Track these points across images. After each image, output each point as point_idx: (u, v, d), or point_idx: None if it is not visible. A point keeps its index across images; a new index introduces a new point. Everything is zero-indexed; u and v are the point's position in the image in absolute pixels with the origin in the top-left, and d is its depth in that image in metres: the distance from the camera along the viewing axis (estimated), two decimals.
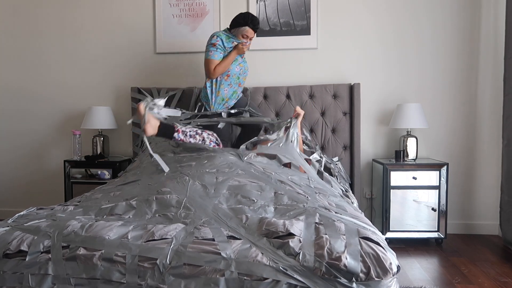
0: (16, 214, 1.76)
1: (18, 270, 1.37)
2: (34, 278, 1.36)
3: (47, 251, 1.40)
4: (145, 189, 1.96)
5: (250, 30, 2.69)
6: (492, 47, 3.17)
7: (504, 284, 2.24)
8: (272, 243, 1.37)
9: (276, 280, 1.24)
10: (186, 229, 1.48)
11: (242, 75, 2.81)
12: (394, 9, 3.24)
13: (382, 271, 1.25)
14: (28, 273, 1.36)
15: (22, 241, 1.43)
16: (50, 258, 1.38)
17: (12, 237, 1.45)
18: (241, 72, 2.80)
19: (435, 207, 2.93)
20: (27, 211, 1.82)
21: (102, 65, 3.50)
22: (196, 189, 1.86)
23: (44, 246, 1.41)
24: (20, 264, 1.38)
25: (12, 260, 1.39)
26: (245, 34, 2.69)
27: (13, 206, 3.67)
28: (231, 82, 2.77)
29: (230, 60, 2.69)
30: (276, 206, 1.75)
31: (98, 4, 3.47)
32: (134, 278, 1.31)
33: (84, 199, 1.99)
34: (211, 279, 1.27)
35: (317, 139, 3.17)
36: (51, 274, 1.36)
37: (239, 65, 2.79)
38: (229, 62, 2.70)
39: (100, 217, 1.74)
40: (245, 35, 2.70)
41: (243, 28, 2.67)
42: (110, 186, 2.17)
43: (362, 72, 3.29)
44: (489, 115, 3.20)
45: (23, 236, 1.45)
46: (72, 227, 1.48)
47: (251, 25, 2.67)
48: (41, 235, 1.45)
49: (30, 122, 3.59)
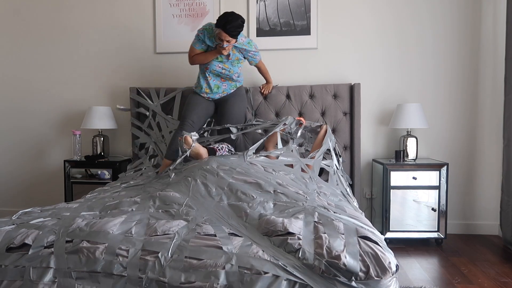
0: (20, 211, 1.78)
1: (20, 264, 1.39)
2: (35, 271, 1.37)
3: (50, 245, 1.42)
4: (150, 190, 1.99)
5: (223, 33, 2.49)
6: (492, 47, 3.17)
7: (504, 284, 2.24)
8: (273, 241, 1.38)
9: (276, 275, 1.25)
10: (188, 226, 1.50)
11: (223, 75, 2.80)
12: (394, 9, 3.24)
13: (381, 270, 1.25)
14: (29, 267, 1.38)
15: (27, 236, 1.45)
16: (53, 252, 1.39)
17: (17, 234, 1.47)
18: (223, 72, 2.79)
19: (435, 207, 2.93)
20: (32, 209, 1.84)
21: (102, 65, 3.50)
22: (199, 188, 1.89)
23: (48, 241, 1.43)
24: (22, 258, 1.39)
25: (14, 254, 1.41)
26: (219, 36, 2.52)
27: (13, 206, 3.67)
28: (210, 75, 2.80)
29: (208, 57, 2.71)
30: (275, 202, 1.76)
31: (98, 4, 3.47)
32: (135, 271, 1.31)
33: (88, 199, 2.02)
34: (212, 272, 1.27)
35: None
36: (53, 267, 1.37)
37: (224, 65, 2.77)
38: (206, 58, 2.71)
39: (105, 212, 1.77)
40: (219, 37, 2.53)
41: (217, 30, 2.51)
42: (115, 189, 2.20)
43: (362, 72, 3.29)
44: (490, 115, 3.20)
45: (28, 232, 1.47)
46: (77, 224, 1.51)
47: (223, 27, 2.47)
48: (46, 230, 1.48)
49: (30, 122, 3.59)
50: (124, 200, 1.83)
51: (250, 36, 3.32)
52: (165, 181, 2.16)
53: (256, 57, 2.86)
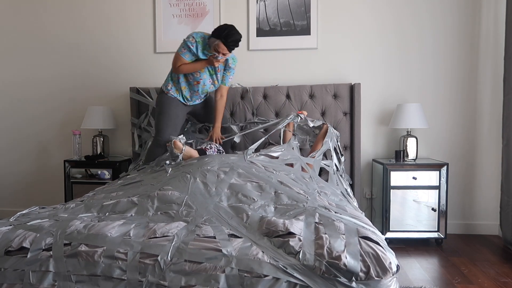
0: (18, 213, 1.77)
1: (19, 267, 1.38)
2: (35, 275, 1.36)
3: (48, 248, 1.41)
4: (147, 188, 1.97)
5: (222, 45, 2.44)
6: (492, 47, 3.17)
7: (504, 284, 2.24)
8: (273, 242, 1.38)
9: (276, 278, 1.25)
10: (187, 227, 1.49)
11: (203, 90, 2.72)
12: (394, 9, 3.24)
13: (381, 270, 1.25)
14: (29, 270, 1.37)
15: (24, 239, 1.44)
16: (52, 255, 1.38)
17: (14, 235, 1.45)
18: (210, 88, 2.72)
19: (435, 207, 2.93)
20: (29, 210, 1.83)
21: (102, 64, 3.50)
22: (198, 187, 1.87)
23: (46, 243, 1.42)
24: (21, 261, 1.38)
25: (13, 257, 1.40)
26: (216, 48, 2.47)
27: (13, 206, 3.67)
28: (186, 85, 2.69)
29: (197, 67, 2.59)
30: (276, 206, 1.75)
31: (98, 4, 3.47)
32: (135, 274, 1.31)
33: (87, 199, 2.00)
34: (212, 275, 1.27)
35: None
36: (52, 271, 1.36)
37: (214, 82, 2.71)
38: (195, 68, 2.59)
39: (103, 214, 1.75)
40: (216, 48, 2.47)
41: (216, 41, 2.45)
42: (113, 187, 2.18)
43: (362, 72, 3.29)
44: (489, 115, 3.20)
45: (25, 234, 1.46)
46: (75, 226, 1.49)
47: (223, 39, 2.42)
48: (43, 233, 1.46)
49: (30, 122, 3.59)
50: (122, 200, 1.80)
51: (250, 36, 3.32)
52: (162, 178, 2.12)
53: (230, 78, 2.77)
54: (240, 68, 3.35)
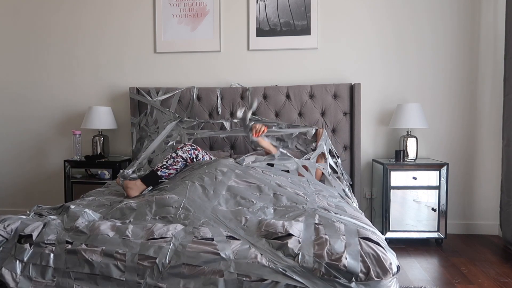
0: (35, 206, 1.85)
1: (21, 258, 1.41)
2: (34, 268, 1.39)
3: (51, 243, 1.43)
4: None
5: None
6: (492, 47, 3.17)
7: (504, 284, 2.24)
8: (271, 244, 1.37)
9: (275, 281, 1.24)
10: (185, 229, 1.49)
11: None
12: (394, 9, 3.24)
13: (382, 271, 1.25)
14: (29, 263, 1.39)
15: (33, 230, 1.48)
16: (53, 250, 1.40)
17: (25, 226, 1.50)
18: None
19: (435, 207, 2.93)
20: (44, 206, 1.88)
21: (102, 64, 3.50)
22: (196, 190, 1.86)
23: (49, 239, 1.45)
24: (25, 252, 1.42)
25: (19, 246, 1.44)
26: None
27: (13, 206, 3.67)
28: None
29: None
30: (275, 208, 1.74)
31: (98, 4, 3.47)
32: (133, 276, 1.31)
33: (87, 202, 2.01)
34: (210, 279, 1.27)
35: None
36: (52, 266, 1.38)
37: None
38: None
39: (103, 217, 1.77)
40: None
41: None
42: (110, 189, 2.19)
43: (362, 72, 3.29)
44: (489, 115, 3.20)
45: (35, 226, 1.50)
46: (78, 224, 1.53)
47: None
48: (49, 228, 1.49)
49: (30, 122, 3.59)
50: (120, 206, 1.80)
51: (250, 36, 3.32)
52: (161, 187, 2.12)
53: None
54: (240, 68, 3.35)
